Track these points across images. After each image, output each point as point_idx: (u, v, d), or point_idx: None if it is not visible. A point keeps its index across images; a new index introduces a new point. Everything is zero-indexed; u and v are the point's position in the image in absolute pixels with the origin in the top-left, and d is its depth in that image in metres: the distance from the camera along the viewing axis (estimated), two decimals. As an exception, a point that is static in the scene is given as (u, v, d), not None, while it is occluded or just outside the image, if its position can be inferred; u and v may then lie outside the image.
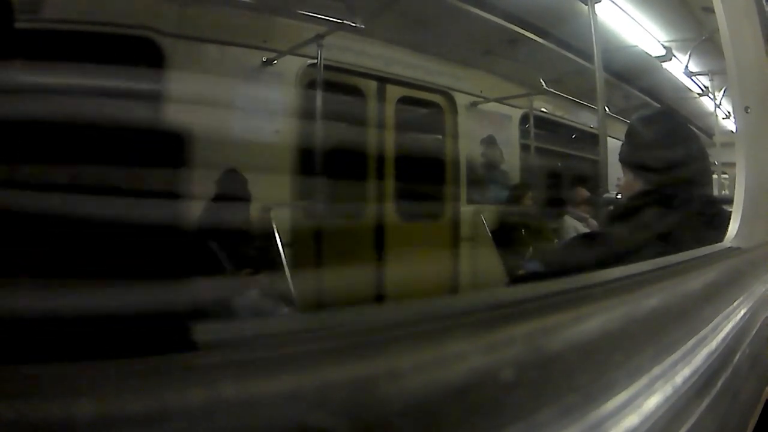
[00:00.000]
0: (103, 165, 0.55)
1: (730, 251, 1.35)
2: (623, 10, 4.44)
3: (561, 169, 5.83)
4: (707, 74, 6.11)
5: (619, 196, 1.81)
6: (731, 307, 0.89)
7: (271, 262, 3.10)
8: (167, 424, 0.26)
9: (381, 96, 4.28)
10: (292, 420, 0.29)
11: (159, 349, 0.31)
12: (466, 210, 4.63)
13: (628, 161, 1.65)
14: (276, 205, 3.32)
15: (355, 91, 4.19)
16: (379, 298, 3.39)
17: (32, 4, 2.52)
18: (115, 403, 0.26)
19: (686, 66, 5.64)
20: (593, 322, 0.56)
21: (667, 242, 1.34)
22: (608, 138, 3.81)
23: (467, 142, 4.81)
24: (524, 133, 5.36)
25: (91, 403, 0.25)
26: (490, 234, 4.51)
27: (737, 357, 0.76)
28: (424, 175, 4.46)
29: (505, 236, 4.42)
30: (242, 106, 3.40)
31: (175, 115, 2.95)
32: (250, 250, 3.04)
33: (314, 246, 3.59)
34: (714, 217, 1.55)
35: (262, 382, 0.30)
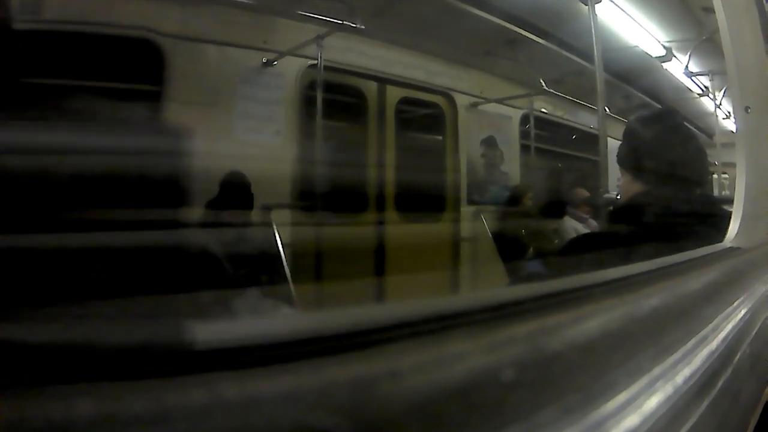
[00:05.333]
0: (103, 165, 0.56)
1: (730, 251, 1.35)
2: (623, 11, 4.44)
3: (561, 169, 5.83)
4: (707, 74, 6.11)
5: (618, 197, 1.81)
6: (732, 307, 0.89)
7: (272, 262, 3.10)
8: (167, 424, 0.26)
9: (381, 97, 4.28)
10: (292, 420, 0.29)
11: (159, 349, 0.31)
12: (466, 211, 4.63)
13: (625, 163, 1.65)
14: (276, 206, 3.32)
15: (356, 92, 4.19)
16: (380, 298, 3.39)
17: (32, 4, 2.53)
18: (115, 403, 0.26)
19: (686, 66, 5.64)
20: (593, 322, 0.57)
21: (667, 243, 1.34)
22: (608, 138, 3.82)
23: (467, 142, 4.81)
24: (524, 134, 5.35)
25: (91, 403, 0.25)
26: (490, 234, 4.51)
27: (738, 357, 0.76)
28: (424, 176, 4.46)
29: (506, 237, 4.42)
30: (242, 107, 3.41)
31: (176, 116, 2.96)
32: (250, 251, 3.04)
33: (315, 246, 3.59)
34: (713, 218, 1.56)
35: (261, 383, 0.30)
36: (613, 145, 2.59)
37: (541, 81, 5.00)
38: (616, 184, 2.00)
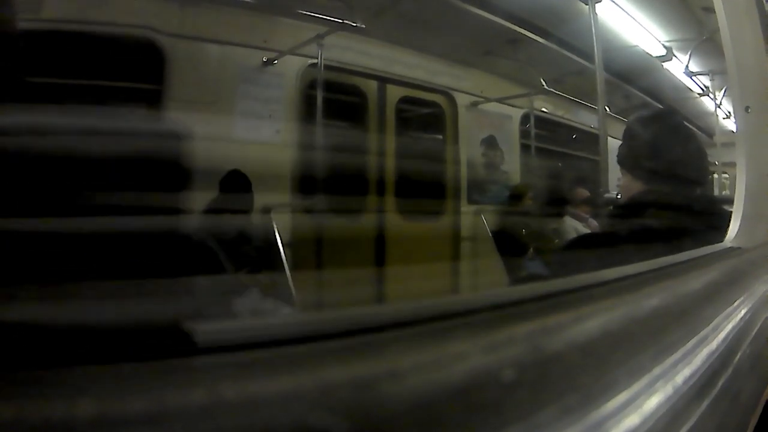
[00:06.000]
0: (102, 165, 0.55)
1: (730, 251, 1.35)
2: (624, 10, 4.44)
3: (561, 169, 5.83)
4: (708, 74, 6.11)
5: (619, 197, 1.81)
6: (732, 307, 0.89)
7: (272, 262, 3.10)
8: (168, 424, 0.26)
9: (381, 96, 4.28)
10: (292, 420, 0.29)
11: (159, 349, 0.31)
12: (466, 210, 4.63)
13: (626, 163, 1.65)
14: (277, 205, 3.33)
15: (356, 91, 4.19)
16: (381, 298, 3.39)
17: (32, 3, 2.53)
18: (116, 403, 0.26)
19: (687, 66, 5.64)
20: (594, 322, 0.57)
21: (667, 242, 1.34)
22: (609, 138, 3.82)
23: (468, 142, 4.81)
24: (525, 134, 5.35)
25: (92, 403, 0.25)
26: (490, 234, 4.51)
27: (738, 357, 0.76)
28: (424, 176, 4.46)
29: (506, 237, 4.42)
30: (243, 106, 3.41)
31: (176, 115, 2.96)
32: (251, 250, 3.04)
33: (315, 246, 3.59)
34: (714, 217, 1.56)
35: (262, 383, 0.30)
36: (614, 144, 2.60)
37: (542, 80, 5.00)
38: (617, 183, 2.00)
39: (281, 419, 0.28)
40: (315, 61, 3.65)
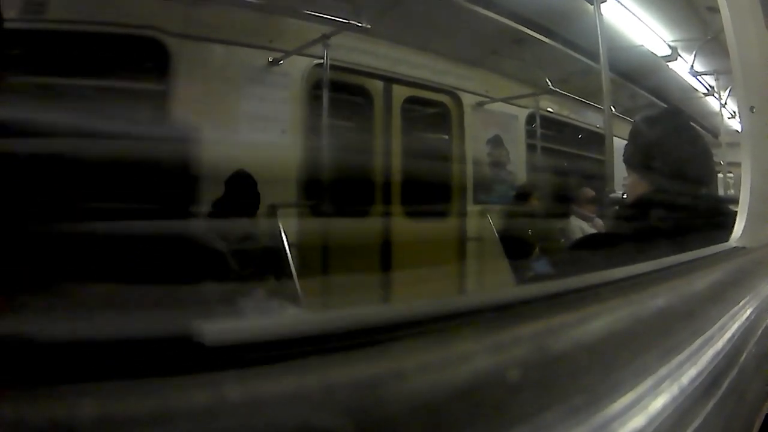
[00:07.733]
0: (109, 166, 0.56)
1: (735, 251, 1.35)
2: (629, 10, 4.43)
3: (567, 168, 5.82)
4: (713, 74, 6.09)
5: (625, 197, 1.81)
6: (737, 307, 0.89)
7: (278, 262, 3.10)
8: (171, 424, 0.26)
9: (387, 96, 4.28)
10: (295, 420, 0.29)
11: (164, 349, 0.31)
12: (472, 210, 4.62)
13: (631, 162, 1.64)
14: (283, 206, 3.33)
15: (362, 91, 4.19)
16: (386, 298, 3.38)
17: (35, 4, 2.53)
18: (119, 403, 0.26)
19: (692, 66, 5.62)
20: (599, 322, 0.56)
21: (673, 242, 1.34)
22: (614, 138, 3.81)
23: (473, 141, 4.80)
24: (530, 133, 5.35)
25: (95, 403, 0.25)
26: (496, 234, 4.50)
27: (743, 357, 0.76)
28: (430, 175, 4.46)
29: (512, 236, 4.41)
30: (249, 106, 3.41)
31: (181, 115, 2.96)
32: (256, 250, 3.04)
33: (321, 246, 3.59)
34: (719, 217, 1.55)
35: (266, 382, 0.30)
36: (619, 144, 2.59)
37: (547, 80, 4.99)
38: (623, 183, 2.00)
39: (285, 419, 0.29)
40: (321, 61, 3.65)
